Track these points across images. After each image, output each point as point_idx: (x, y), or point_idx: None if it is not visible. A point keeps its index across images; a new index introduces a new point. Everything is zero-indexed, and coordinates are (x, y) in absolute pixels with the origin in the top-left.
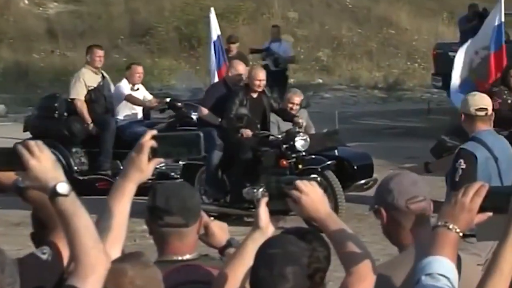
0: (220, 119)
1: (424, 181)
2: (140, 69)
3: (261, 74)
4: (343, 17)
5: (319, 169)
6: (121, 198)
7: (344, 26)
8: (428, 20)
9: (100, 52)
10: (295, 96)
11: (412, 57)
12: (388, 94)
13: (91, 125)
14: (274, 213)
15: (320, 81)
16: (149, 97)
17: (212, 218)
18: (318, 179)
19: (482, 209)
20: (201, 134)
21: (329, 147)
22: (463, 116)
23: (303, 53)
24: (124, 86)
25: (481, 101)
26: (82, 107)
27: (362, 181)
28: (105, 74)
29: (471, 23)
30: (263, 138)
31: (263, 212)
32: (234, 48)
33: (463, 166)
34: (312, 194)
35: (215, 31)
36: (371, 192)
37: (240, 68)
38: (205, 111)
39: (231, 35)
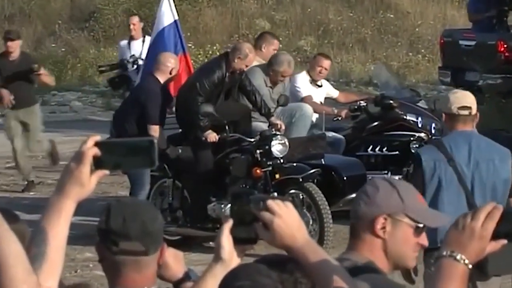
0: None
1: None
2: (326, 63)
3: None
4: None
5: (301, 180)
6: (57, 218)
7: (332, 9)
8: (434, 2)
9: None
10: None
11: (415, 46)
12: None
13: None
14: (240, 242)
15: None
16: (335, 94)
17: (165, 244)
18: (301, 195)
19: (495, 236)
20: (155, 140)
21: (313, 154)
22: (444, 115)
23: (281, 41)
24: (303, 80)
25: (464, 99)
26: None
27: (353, 195)
28: None
29: (487, 12)
30: (232, 141)
31: (226, 240)
32: (15, 47)
33: (411, 169)
34: (286, 217)
35: (170, 14)
36: None
37: (172, 61)
38: None
39: (9, 30)
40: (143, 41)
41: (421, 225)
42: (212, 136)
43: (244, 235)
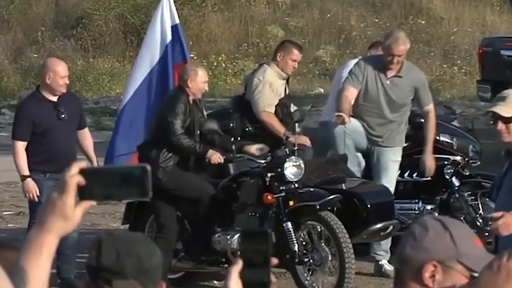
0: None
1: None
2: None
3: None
4: (352, 1)
5: (318, 207)
6: (37, 256)
7: (355, 14)
8: (472, 6)
9: None
10: (399, 44)
11: (450, 57)
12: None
13: None
14: (250, 287)
15: (321, 90)
16: None
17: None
18: (319, 227)
19: None
20: (148, 168)
21: (332, 178)
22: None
23: None
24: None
25: None
26: None
27: (379, 226)
28: None
29: None
30: (240, 163)
31: (235, 284)
32: None
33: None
34: None
35: (171, 17)
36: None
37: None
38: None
39: None
40: None
41: (477, 274)
42: (215, 157)
43: (255, 278)
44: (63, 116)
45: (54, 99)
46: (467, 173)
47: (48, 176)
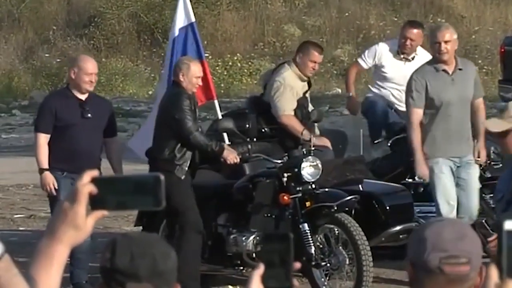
0: None
1: (477, 238)
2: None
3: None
4: None
5: (335, 208)
6: (48, 266)
7: (373, 13)
8: (493, 5)
9: None
10: (452, 31)
11: (471, 56)
12: None
13: None
14: None
15: (339, 90)
16: None
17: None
18: (336, 230)
19: None
20: (162, 177)
21: (350, 179)
22: None
23: None
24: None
25: None
26: None
27: (398, 228)
28: None
29: None
30: (255, 163)
31: None
32: None
33: None
34: None
35: (187, 16)
36: None
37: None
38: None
39: None
40: None
41: None
42: (232, 157)
43: (277, 283)
44: (88, 115)
45: (82, 97)
46: (489, 175)
47: (65, 174)
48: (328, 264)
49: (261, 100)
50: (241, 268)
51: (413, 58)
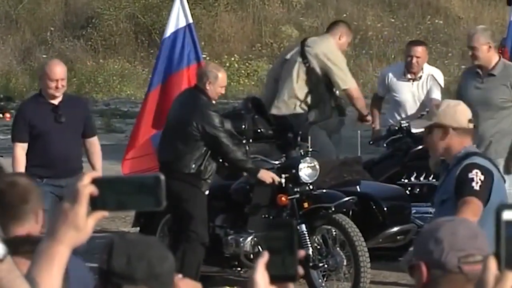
0: None
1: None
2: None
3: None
4: (368, 0)
5: (333, 209)
6: (49, 266)
7: (371, 14)
8: (491, 6)
9: None
10: (482, 36)
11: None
12: None
13: None
14: (278, 279)
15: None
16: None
17: (180, 275)
18: (333, 231)
19: None
20: (162, 177)
21: (347, 180)
22: (451, 130)
23: None
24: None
25: (469, 111)
26: None
27: (395, 229)
28: None
29: None
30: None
31: (261, 278)
32: None
33: (481, 177)
34: None
35: (184, 17)
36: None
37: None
38: None
39: None
40: None
41: None
42: (268, 177)
43: (281, 271)
44: (62, 119)
45: (55, 101)
46: None
47: (44, 181)
48: (326, 265)
49: (258, 101)
50: (239, 269)
51: (420, 77)
